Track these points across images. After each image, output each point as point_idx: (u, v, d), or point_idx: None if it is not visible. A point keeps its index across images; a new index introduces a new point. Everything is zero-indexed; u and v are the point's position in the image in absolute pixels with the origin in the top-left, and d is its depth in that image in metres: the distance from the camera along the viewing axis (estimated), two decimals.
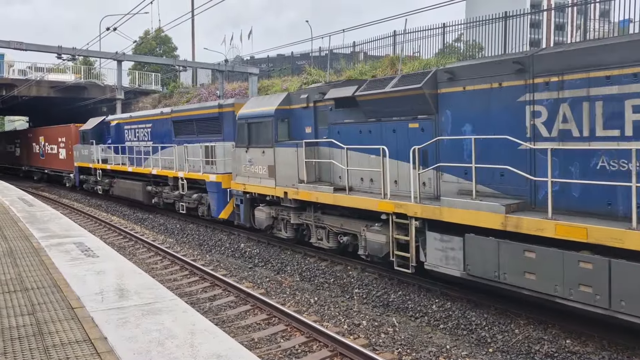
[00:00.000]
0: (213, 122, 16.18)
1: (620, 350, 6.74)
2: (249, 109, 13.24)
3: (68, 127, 29.18)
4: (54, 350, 4.05)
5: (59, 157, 30.11)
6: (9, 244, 8.34)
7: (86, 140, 24.98)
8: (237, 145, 13.65)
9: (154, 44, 49.80)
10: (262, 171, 12.61)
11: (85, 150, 25.08)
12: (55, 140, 30.90)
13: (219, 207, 14.97)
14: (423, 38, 23.31)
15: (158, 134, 19.71)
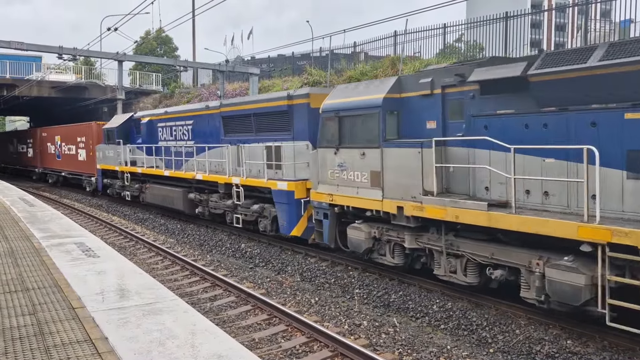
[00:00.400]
0: (279, 117, 13.23)
1: (621, 351, 6.74)
2: (339, 99, 10.52)
3: (89, 125, 26.40)
4: (54, 351, 4.06)
5: (78, 158, 27.23)
6: (10, 244, 8.35)
7: (111, 140, 22.07)
8: (320, 145, 10.90)
9: (154, 44, 49.87)
10: (360, 178, 9.87)
11: (111, 151, 22.24)
12: (74, 140, 27.98)
13: (291, 221, 12.15)
14: (424, 38, 23.31)
15: (202, 132, 16.82)
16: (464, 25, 23.19)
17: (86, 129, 26.51)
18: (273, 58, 35.42)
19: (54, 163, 31.55)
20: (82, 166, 26.76)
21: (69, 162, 28.74)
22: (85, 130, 26.67)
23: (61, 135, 30.16)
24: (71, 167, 28.50)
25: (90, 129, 25.99)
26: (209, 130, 16.43)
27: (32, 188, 30.29)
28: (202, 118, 16.82)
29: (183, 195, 17.05)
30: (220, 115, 15.66)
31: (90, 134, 25.75)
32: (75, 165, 27.69)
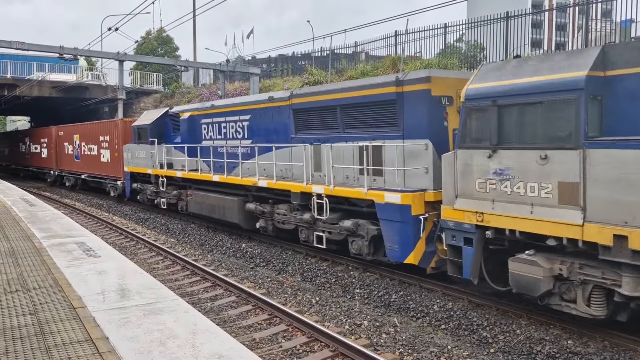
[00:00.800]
0: (381, 109, 10.33)
1: (622, 351, 6.74)
2: (497, 81, 7.71)
3: (114, 122, 23.73)
4: (55, 350, 4.06)
5: (101, 159, 24.37)
6: (11, 244, 8.35)
7: (143, 139, 19.10)
8: (461, 145, 8.11)
9: (155, 44, 49.93)
10: (537, 192, 7.12)
11: (142, 152, 19.29)
12: (95, 139, 25.07)
13: (405, 245, 9.37)
14: (424, 38, 23.30)
15: (262, 128, 13.78)
16: (464, 25, 23.18)
17: (110, 127, 23.58)
18: (274, 58, 35.46)
19: (72, 165, 28.48)
20: (105, 168, 23.88)
21: (89, 164, 25.82)
22: (109, 128, 23.73)
23: (80, 134, 27.15)
24: (92, 170, 25.49)
25: (115, 126, 22.99)
26: (272, 127, 13.35)
27: (33, 188, 30.29)
28: (263, 112, 13.73)
29: (239, 206, 13.92)
30: (291, 108, 12.57)
31: (115, 133, 22.72)
32: (98, 167, 24.77)
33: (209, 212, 15.38)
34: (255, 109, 14.06)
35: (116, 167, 22.58)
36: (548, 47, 50.88)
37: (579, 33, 24.50)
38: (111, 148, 23.27)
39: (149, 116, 19.99)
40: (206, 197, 15.49)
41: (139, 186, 20.17)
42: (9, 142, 43.69)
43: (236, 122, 14.85)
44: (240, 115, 14.65)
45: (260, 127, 13.89)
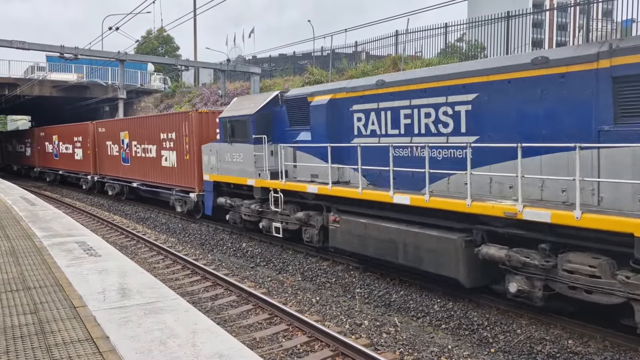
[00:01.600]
0: None
1: (623, 350, 6.73)
2: None
3: (184, 115, 17.61)
4: (56, 349, 4.06)
5: (162, 163, 18.91)
6: (12, 243, 8.36)
7: (239, 136, 13.76)
8: None
9: (156, 44, 49.96)
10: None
11: (236, 154, 13.92)
12: (153, 137, 19.35)
13: None
14: (425, 38, 23.31)
15: (509, 114, 8.15)
16: (465, 24, 23.19)
17: (178, 121, 17.74)
18: (274, 57, 35.47)
19: (117, 170, 23.03)
20: (169, 175, 18.43)
21: (144, 169, 20.43)
22: (176, 122, 17.83)
23: (130, 131, 21.70)
24: (148, 177, 20.15)
25: (186, 120, 17.20)
26: (544, 111, 7.69)
27: (33, 187, 30.29)
28: (516, 86, 8.04)
29: (458, 248, 8.36)
30: (609, 75, 6.89)
31: (187, 128, 17.10)
32: (155, 173, 19.47)
33: (379, 252, 9.73)
34: (492, 83, 8.36)
35: (187, 174, 17.12)
36: (549, 46, 50.81)
37: (580, 33, 24.47)
38: (179, 149, 17.70)
39: (246, 104, 14.13)
40: (375, 228, 9.75)
41: (227, 202, 14.59)
42: (26, 140, 37.32)
43: (438, 106, 9.21)
44: (449, 94, 8.99)
45: (503, 111, 8.22)
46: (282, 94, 13.32)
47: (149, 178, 20.06)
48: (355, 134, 10.83)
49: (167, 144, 18.58)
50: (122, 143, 22.30)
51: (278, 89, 28.69)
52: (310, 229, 11.77)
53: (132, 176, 21.46)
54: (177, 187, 17.93)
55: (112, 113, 34.68)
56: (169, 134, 18.37)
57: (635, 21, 16.75)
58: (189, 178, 17.02)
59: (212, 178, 15.37)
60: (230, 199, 14.62)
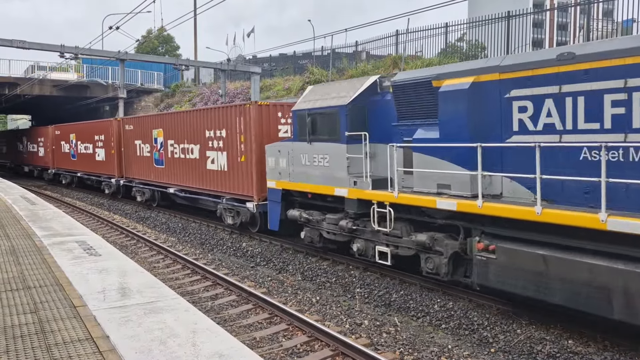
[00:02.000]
0: None
1: (623, 351, 6.74)
2: None
3: (235, 109, 14.45)
4: (56, 349, 4.06)
5: (205, 166, 15.96)
6: (12, 242, 8.36)
7: (323, 132, 10.91)
8: None
9: (156, 43, 49.96)
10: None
11: (319, 157, 11.06)
12: (195, 136, 16.45)
13: None
14: (425, 37, 23.30)
15: None
16: (465, 24, 23.18)
17: (232, 116, 14.52)
18: (274, 57, 35.49)
19: (149, 172, 19.84)
20: (215, 181, 15.46)
21: (182, 172, 17.36)
22: (228, 117, 14.67)
23: (165, 129, 18.45)
24: (188, 181, 16.99)
25: (243, 115, 13.98)
26: None
27: (34, 186, 30.29)
28: None
29: None
30: None
31: (240, 124, 14.11)
32: (198, 177, 16.41)
33: (576, 300, 6.81)
34: None
35: (241, 180, 14.15)
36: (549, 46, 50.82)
37: (580, 33, 24.47)
38: (230, 149, 14.58)
39: (332, 92, 10.96)
40: (569, 265, 6.84)
41: (303, 215, 11.57)
42: (39, 139, 33.01)
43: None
44: None
45: None
46: (385, 79, 10.44)
47: (189, 183, 17.05)
48: (516, 129, 7.84)
49: (214, 143, 15.50)
50: (155, 142, 19.19)
51: (278, 88, 28.76)
52: (436, 256, 8.83)
53: (167, 180, 18.46)
54: (228, 195, 14.94)
55: (112, 112, 34.69)
56: (218, 132, 15.28)
57: (635, 21, 16.75)
58: (245, 184, 14.03)
59: (280, 185, 12.29)
60: (306, 212, 11.56)
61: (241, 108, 14.23)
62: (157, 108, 35.88)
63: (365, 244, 10.24)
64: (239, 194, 14.40)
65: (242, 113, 14.10)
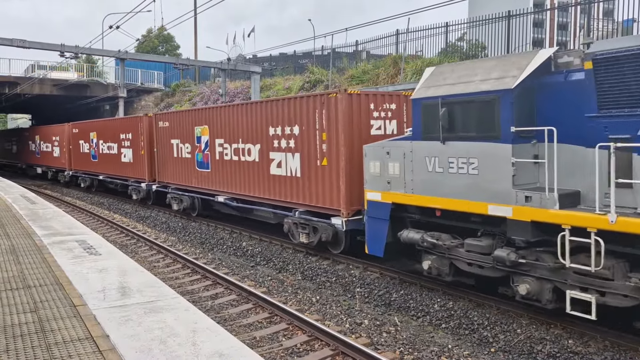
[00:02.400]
0: None
1: (623, 350, 6.73)
2: None
3: (314, 99, 11.84)
4: (56, 348, 4.06)
5: (268, 170, 13.34)
6: (12, 242, 8.36)
7: (465, 129, 7.97)
8: None
9: (156, 43, 49.95)
10: None
11: (460, 161, 8.07)
12: (251, 134, 13.87)
13: None
14: (426, 37, 23.28)
15: None
16: (466, 24, 23.17)
17: (309, 108, 11.87)
18: (275, 56, 35.48)
19: (189, 177, 17.24)
20: (282, 188, 12.87)
21: (234, 177, 14.78)
22: (303, 110, 12.10)
23: (211, 126, 15.80)
24: (243, 188, 14.39)
25: (327, 107, 11.37)
26: None
27: (34, 186, 30.29)
28: None
29: None
30: None
31: (324, 118, 11.42)
32: (256, 183, 13.78)
33: None
34: None
35: (322, 188, 11.57)
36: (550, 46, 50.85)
37: (580, 32, 24.46)
38: (306, 149, 12.02)
39: (478, 71, 8.09)
40: None
41: (427, 239, 8.68)
42: (54, 138, 29.66)
43: None
44: None
45: None
46: (565, 54, 7.64)
47: (244, 190, 14.29)
48: None
49: (279, 142, 12.76)
50: (199, 141, 16.52)
51: (278, 88, 28.75)
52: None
53: (214, 187, 15.78)
54: (301, 207, 12.22)
55: (113, 112, 34.70)
56: (287, 128, 12.45)
57: (636, 21, 16.74)
58: (328, 194, 11.33)
59: (388, 198, 9.36)
60: (432, 235, 8.70)
61: (323, 98, 11.48)
62: (157, 107, 35.88)
63: (539, 284, 7.34)
64: (318, 207, 11.67)
65: (326, 105, 11.30)
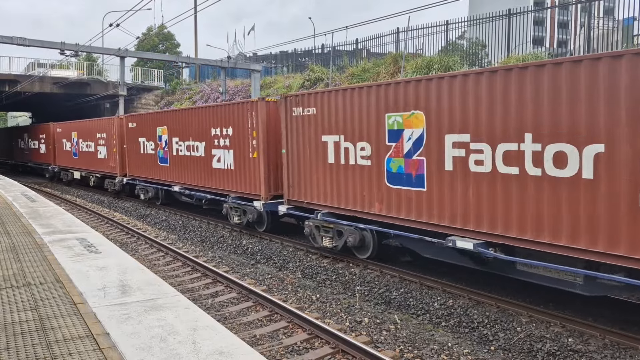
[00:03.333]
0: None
1: (623, 349, 6.74)
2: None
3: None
4: (56, 346, 4.06)
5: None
6: (12, 240, 8.36)
7: None
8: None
9: (156, 41, 49.89)
10: None
11: None
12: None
13: None
14: (426, 35, 23.26)
15: None
16: (466, 22, 23.14)
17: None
18: (275, 55, 35.47)
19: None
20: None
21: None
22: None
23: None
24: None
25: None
26: None
27: (34, 184, 30.29)
28: None
29: None
30: None
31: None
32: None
33: None
34: None
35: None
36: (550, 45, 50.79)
37: (581, 31, 24.42)
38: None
39: None
40: None
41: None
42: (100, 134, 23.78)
43: None
44: None
45: None
46: None
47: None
48: None
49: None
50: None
51: (279, 86, 28.74)
52: None
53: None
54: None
55: (113, 110, 34.67)
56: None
57: (636, 19, 16.72)
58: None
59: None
60: None
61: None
62: (158, 105, 35.88)
63: None
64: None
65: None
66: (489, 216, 7.94)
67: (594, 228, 6.68)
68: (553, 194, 7.07)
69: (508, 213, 7.66)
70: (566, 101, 6.89)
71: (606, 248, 6.57)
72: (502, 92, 7.61)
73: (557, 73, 6.98)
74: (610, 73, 6.41)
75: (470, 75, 8.13)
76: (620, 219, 6.43)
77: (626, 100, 6.28)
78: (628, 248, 6.36)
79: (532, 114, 7.27)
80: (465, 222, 8.29)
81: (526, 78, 7.33)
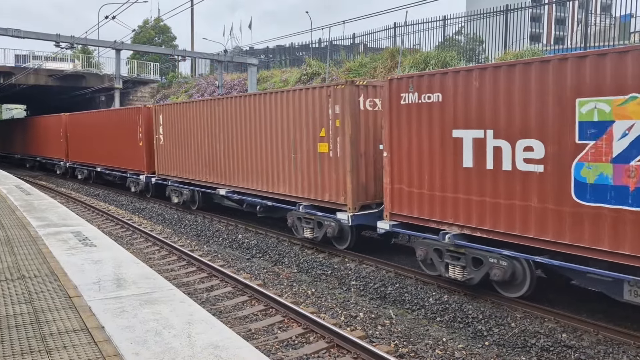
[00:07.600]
0: None
1: (616, 344, 6.78)
2: None
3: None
4: (51, 339, 4.05)
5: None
6: (6, 233, 8.33)
7: None
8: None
9: (152, 34, 49.67)
10: None
11: None
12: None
13: None
14: (423, 30, 23.23)
15: None
16: (464, 17, 23.12)
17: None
18: (272, 49, 35.35)
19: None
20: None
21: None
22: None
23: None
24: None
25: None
26: None
27: (29, 177, 30.16)
28: None
29: None
30: None
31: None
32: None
33: None
34: None
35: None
36: (547, 41, 50.80)
37: (578, 27, 24.45)
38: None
39: None
40: None
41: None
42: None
43: None
44: None
45: None
46: None
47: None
48: None
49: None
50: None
51: (275, 80, 28.67)
52: None
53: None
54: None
55: (108, 103, 34.53)
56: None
57: (633, 16, 16.74)
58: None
59: None
60: None
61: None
62: (154, 99, 35.73)
63: None
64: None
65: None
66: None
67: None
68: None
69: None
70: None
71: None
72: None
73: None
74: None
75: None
76: None
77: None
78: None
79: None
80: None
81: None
